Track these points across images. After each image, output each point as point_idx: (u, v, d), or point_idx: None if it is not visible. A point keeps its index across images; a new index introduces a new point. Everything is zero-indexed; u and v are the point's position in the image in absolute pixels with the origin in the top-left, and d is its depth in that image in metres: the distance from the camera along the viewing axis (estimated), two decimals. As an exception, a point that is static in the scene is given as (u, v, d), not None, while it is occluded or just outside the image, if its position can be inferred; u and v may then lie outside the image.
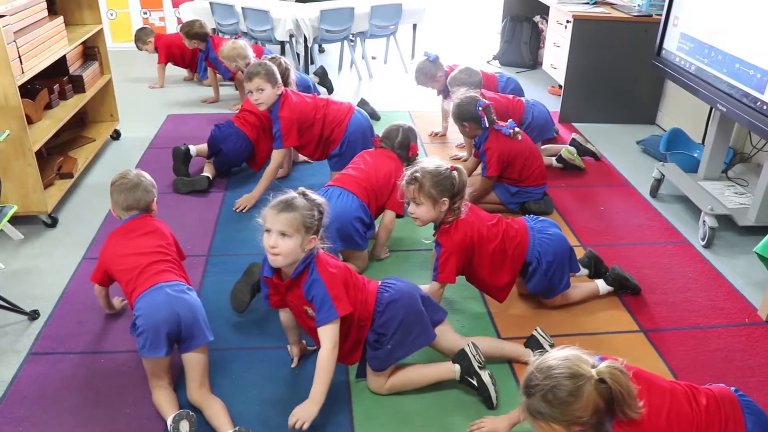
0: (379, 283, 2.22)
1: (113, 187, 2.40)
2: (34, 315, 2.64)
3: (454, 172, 2.43)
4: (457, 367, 2.24)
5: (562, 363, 1.54)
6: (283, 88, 3.42)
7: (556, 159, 4.07)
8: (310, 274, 2.05)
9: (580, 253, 3.13)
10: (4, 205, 2.86)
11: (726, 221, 3.32)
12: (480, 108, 3.32)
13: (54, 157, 3.71)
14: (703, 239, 3.25)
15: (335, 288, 2.04)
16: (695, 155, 3.99)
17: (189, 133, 4.06)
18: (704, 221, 3.24)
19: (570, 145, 4.14)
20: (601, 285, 2.81)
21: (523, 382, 1.59)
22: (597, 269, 2.89)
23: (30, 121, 3.32)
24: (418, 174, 2.42)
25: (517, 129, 3.40)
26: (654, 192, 3.76)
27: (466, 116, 3.38)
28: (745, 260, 3.13)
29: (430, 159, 2.54)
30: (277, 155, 3.51)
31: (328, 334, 2.04)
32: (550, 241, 2.58)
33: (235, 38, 4.56)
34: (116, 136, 4.48)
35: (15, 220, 3.19)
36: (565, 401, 1.50)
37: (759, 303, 2.79)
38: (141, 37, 5.49)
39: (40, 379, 2.32)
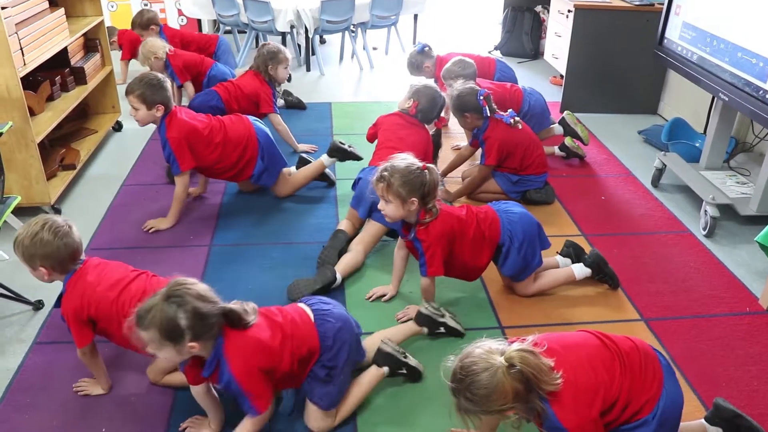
0: (311, 313, 2.05)
1: (38, 242, 2.04)
2: (38, 305, 2.66)
3: (425, 172, 2.38)
4: (386, 368, 2.24)
5: (475, 359, 1.61)
6: (163, 110, 3.06)
7: (558, 147, 4.08)
8: (221, 373, 1.84)
9: (580, 244, 3.14)
10: (8, 196, 2.87)
11: (727, 211, 3.33)
12: (481, 97, 3.32)
13: (56, 149, 3.72)
14: (704, 229, 3.26)
15: (252, 384, 1.86)
16: (697, 145, 3.99)
17: (191, 124, 4.08)
18: (705, 211, 3.24)
19: (558, 123, 4.13)
20: (578, 270, 2.78)
21: (449, 383, 1.65)
22: (579, 258, 2.87)
23: (32, 113, 3.32)
24: (386, 172, 2.39)
25: (517, 118, 3.40)
26: (655, 182, 3.77)
27: (468, 107, 3.37)
28: (747, 250, 3.13)
29: (404, 156, 2.45)
30: (178, 181, 3.22)
31: (250, 425, 1.92)
32: (518, 218, 2.61)
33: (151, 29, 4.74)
34: (118, 127, 4.48)
35: (19, 212, 3.19)
36: (485, 395, 1.58)
37: (760, 292, 2.80)
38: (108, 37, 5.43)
39: (45, 367, 2.34)
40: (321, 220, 3.32)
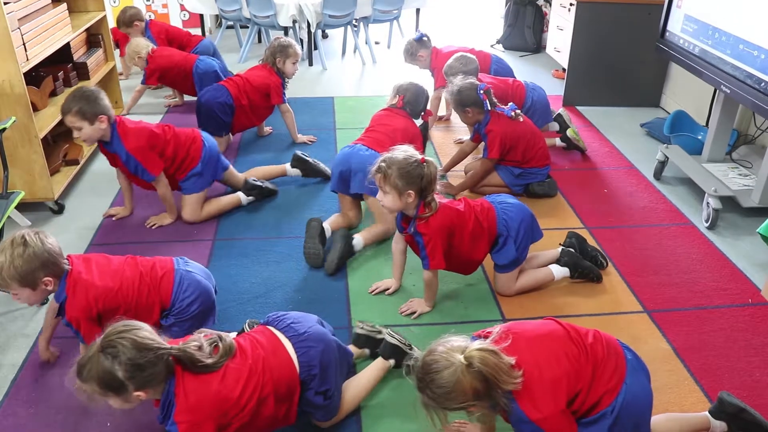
0: (288, 343, 1.93)
1: (31, 255, 1.98)
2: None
3: (424, 165, 2.37)
4: (392, 361, 2.24)
5: (436, 357, 1.63)
6: (107, 120, 2.92)
7: (560, 138, 4.08)
8: (168, 419, 1.72)
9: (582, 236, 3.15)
10: (11, 191, 2.89)
11: (730, 203, 3.33)
12: (482, 92, 3.33)
13: (60, 144, 3.73)
14: (706, 221, 3.26)
15: None
16: (699, 137, 3.99)
17: (193, 120, 4.08)
18: (708, 203, 3.24)
19: (561, 140, 4.13)
20: (556, 270, 2.78)
21: (415, 379, 1.68)
22: (581, 250, 2.88)
23: (35, 108, 3.34)
24: (384, 163, 2.39)
25: (518, 111, 3.41)
26: (658, 174, 3.77)
27: (468, 101, 3.38)
28: (749, 241, 3.14)
29: (404, 147, 2.46)
30: (157, 185, 3.14)
31: None
32: (513, 208, 2.62)
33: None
34: (121, 123, 4.49)
35: (22, 207, 3.21)
36: (444, 393, 1.61)
37: (762, 283, 2.80)
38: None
39: (51, 362, 2.35)
40: (325, 214, 3.32)
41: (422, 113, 3.44)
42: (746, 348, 2.45)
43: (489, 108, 3.36)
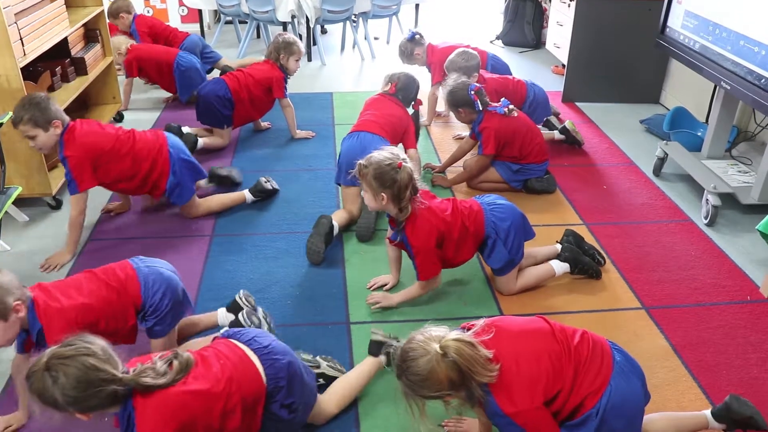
0: (253, 354, 1.87)
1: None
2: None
3: (399, 169, 2.37)
4: (382, 357, 2.21)
5: (413, 345, 1.67)
6: (60, 125, 2.81)
7: (559, 130, 4.08)
8: None
9: (583, 234, 3.14)
10: (9, 186, 2.88)
11: (729, 200, 3.32)
12: (472, 92, 3.33)
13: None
14: (705, 217, 3.25)
15: None
16: (699, 134, 3.98)
17: (192, 115, 4.08)
18: (707, 199, 3.24)
19: (560, 132, 4.11)
20: (556, 266, 2.77)
21: (394, 367, 1.72)
22: (578, 246, 2.87)
23: (33, 103, 3.32)
24: (364, 162, 2.43)
25: (512, 107, 3.40)
26: (657, 171, 3.76)
27: (460, 102, 3.38)
28: (748, 238, 3.13)
29: (389, 149, 2.48)
30: (74, 202, 2.92)
31: None
32: (502, 210, 2.60)
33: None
34: (119, 118, 4.48)
35: (20, 203, 3.21)
36: (419, 381, 1.64)
37: (761, 280, 2.79)
38: None
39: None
40: (323, 210, 3.32)
41: (413, 102, 3.51)
42: (744, 345, 2.45)
43: (480, 108, 3.36)
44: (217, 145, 4.00)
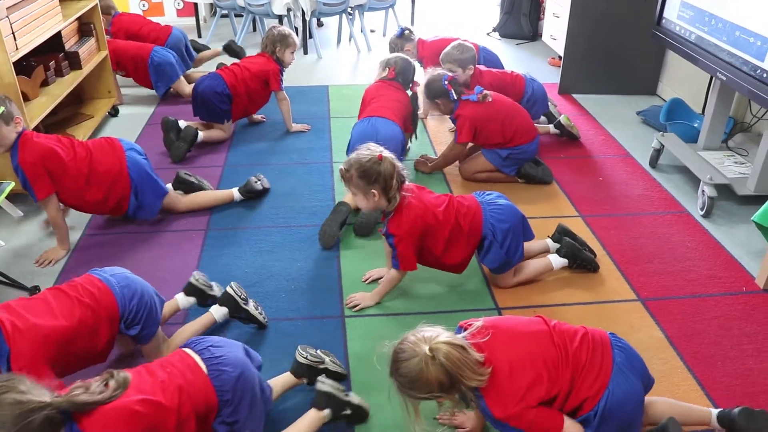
0: (203, 363, 1.79)
1: None
2: (34, 290, 2.66)
3: (380, 162, 2.37)
4: (327, 411, 2.01)
5: (404, 347, 1.68)
6: (21, 123, 2.76)
7: (554, 125, 4.07)
8: None
9: (579, 226, 3.14)
10: (1, 182, 2.87)
11: (725, 191, 3.31)
12: (446, 82, 3.34)
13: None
14: (702, 209, 3.25)
15: None
16: (695, 125, 3.97)
17: (188, 109, 4.06)
18: (703, 191, 3.23)
19: (554, 127, 4.10)
20: (554, 260, 2.76)
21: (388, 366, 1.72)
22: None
23: (26, 99, 3.32)
24: (345, 167, 2.43)
25: (486, 93, 3.38)
26: (653, 162, 3.75)
27: (437, 93, 3.39)
28: (744, 229, 3.13)
29: (365, 147, 2.46)
30: (43, 206, 2.89)
31: None
32: (501, 212, 2.56)
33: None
34: (114, 112, 4.46)
35: (14, 198, 3.20)
36: (408, 382, 1.66)
37: (757, 272, 2.79)
38: None
39: None
40: (318, 203, 3.32)
41: (411, 84, 3.58)
42: (739, 336, 2.45)
43: (455, 98, 3.36)
44: (218, 137, 3.99)
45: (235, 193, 3.33)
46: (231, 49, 5.01)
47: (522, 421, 1.70)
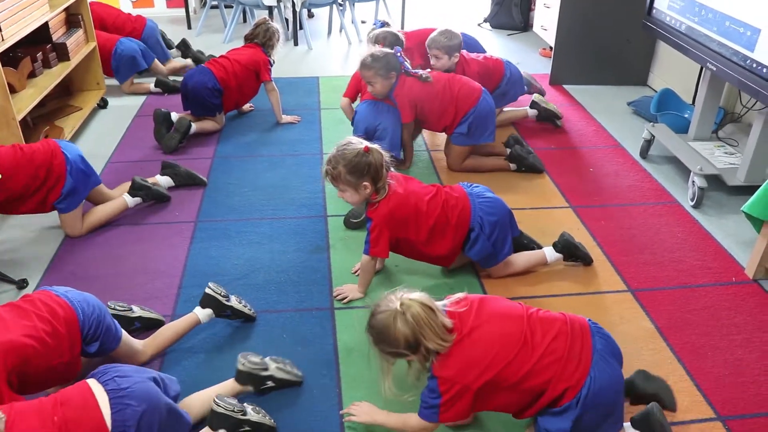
0: (105, 394, 1.67)
1: None
2: (22, 284, 2.64)
3: (368, 153, 2.36)
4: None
5: (382, 301, 1.77)
6: None
7: (529, 105, 4.08)
8: None
9: (569, 217, 3.14)
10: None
11: (715, 181, 3.32)
12: (399, 54, 3.35)
13: (40, 127, 3.68)
14: (692, 199, 3.25)
15: None
16: (686, 116, 3.97)
17: (177, 101, 4.04)
18: (693, 181, 3.23)
19: (530, 107, 4.11)
20: (549, 253, 2.75)
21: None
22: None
23: (13, 90, 3.28)
24: (330, 164, 2.40)
25: (425, 73, 3.37)
26: (644, 153, 3.75)
27: (394, 67, 3.35)
28: (734, 220, 3.13)
29: (348, 139, 2.44)
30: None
31: None
32: (490, 205, 2.56)
33: None
34: (103, 104, 4.42)
35: None
36: (377, 334, 1.75)
37: (746, 262, 2.80)
38: None
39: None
40: (308, 195, 3.31)
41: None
42: (729, 326, 2.46)
43: (409, 70, 3.37)
44: (210, 128, 3.97)
45: (126, 198, 3.09)
46: (164, 83, 4.62)
47: (451, 390, 1.75)
